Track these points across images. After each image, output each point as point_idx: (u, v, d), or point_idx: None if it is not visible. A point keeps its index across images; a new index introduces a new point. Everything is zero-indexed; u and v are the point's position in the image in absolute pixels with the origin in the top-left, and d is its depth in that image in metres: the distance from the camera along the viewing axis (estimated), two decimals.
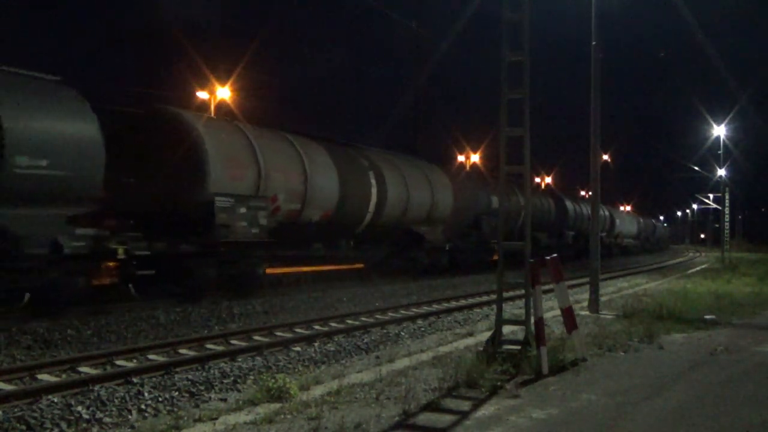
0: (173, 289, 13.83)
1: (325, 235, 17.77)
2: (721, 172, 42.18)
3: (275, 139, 16.55)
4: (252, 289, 15.09)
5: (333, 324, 11.68)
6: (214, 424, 5.22)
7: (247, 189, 14.67)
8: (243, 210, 14.35)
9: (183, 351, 9.08)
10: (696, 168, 51.28)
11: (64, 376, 7.60)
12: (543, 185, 56.23)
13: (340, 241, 18.75)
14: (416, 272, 21.54)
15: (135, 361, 8.46)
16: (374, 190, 19.16)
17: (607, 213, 46.07)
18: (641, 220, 64.12)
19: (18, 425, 5.82)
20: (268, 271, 15.81)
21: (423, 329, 11.73)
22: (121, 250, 12.37)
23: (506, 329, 8.02)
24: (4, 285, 10.68)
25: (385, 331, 11.38)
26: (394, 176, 20.37)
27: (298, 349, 9.56)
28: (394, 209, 20.20)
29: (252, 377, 7.73)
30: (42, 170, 10.75)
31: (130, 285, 13.14)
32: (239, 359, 8.69)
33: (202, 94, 28.34)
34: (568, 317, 7.73)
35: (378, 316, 12.80)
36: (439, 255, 23.07)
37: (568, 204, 37.43)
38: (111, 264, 12.29)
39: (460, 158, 47.39)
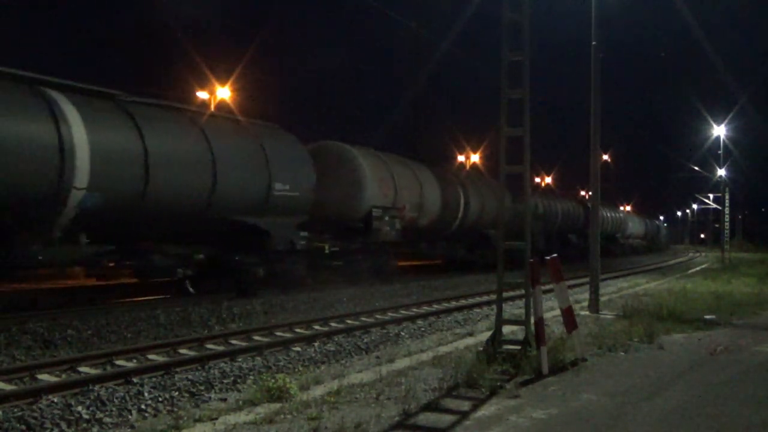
0: (328, 278, 17.78)
1: (428, 237, 23.62)
2: (721, 172, 42.20)
3: (400, 163, 22.14)
4: (390, 276, 20.01)
5: (333, 324, 11.68)
6: (214, 424, 5.22)
7: (388, 202, 19.83)
8: (387, 218, 19.56)
9: (183, 351, 9.08)
10: (696, 168, 51.39)
11: (64, 376, 7.60)
12: (543, 185, 56.39)
13: (437, 241, 24.47)
14: (485, 266, 24.83)
15: (135, 361, 8.46)
16: (462, 201, 24.57)
17: (621, 215, 51.65)
18: (647, 222, 67.48)
19: (18, 425, 5.82)
20: (399, 263, 21.71)
21: (423, 329, 11.73)
22: (326, 247, 17.66)
23: (506, 329, 8.02)
24: (268, 269, 15.42)
25: (385, 331, 11.38)
26: (474, 190, 25.74)
27: (298, 349, 9.56)
28: (474, 216, 25.48)
29: (252, 377, 7.73)
30: (286, 192, 15.74)
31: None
32: (239, 359, 8.69)
33: (202, 94, 28.38)
34: (568, 317, 7.73)
35: (378, 316, 12.80)
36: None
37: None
38: None
39: (460, 158, 47.42)
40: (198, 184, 13.54)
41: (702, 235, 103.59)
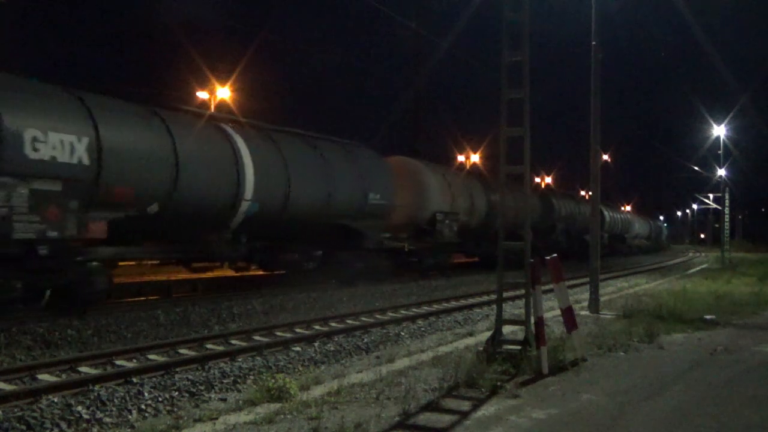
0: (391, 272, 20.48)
1: (474, 237, 26.62)
2: (721, 172, 42.23)
3: (454, 174, 26.54)
4: (446, 270, 23.89)
5: (333, 324, 11.68)
6: (214, 424, 5.22)
7: (447, 208, 23.27)
8: (447, 221, 22.96)
9: (183, 351, 9.07)
10: (696, 168, 51.46)
11: (64, 376, 7.59)
12: (543, 185, 56.53)
13: (480, 241, 27.27)
14: (518, 263, 31.73)
15: (135, 361, 8.46)
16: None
17: (628, 216, 55.36)
18: (651, 222, 70.22)
19: (18, 425, 5.81)
20: (455, 260, 26.48)
21: (423, 329, 11.72)
22: (406, 246, 21.14)
23: (506, 329, 8.02)
24: (363, 264, 18.55)
25: (385, 331, 11.37)
26: (511, 196, 30.63)
27: (298, 349, 9.55)
28: (511, 218, 31.08)
29: (252, 377, 7.73)
30: (377, 201, 19.17)
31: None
32: (239, 359, 8.69)
33: (202, 94, 28.38)
34: (568, 317, 7.73)
35: (378, 316, 12.79)
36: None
37: (605, 212, 45.67)
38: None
39: (460, 158, 47.40)
40: (319, 195, 17.02)
41: (702, 235, 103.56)
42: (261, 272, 17.97)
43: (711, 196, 50.13)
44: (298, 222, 16.49)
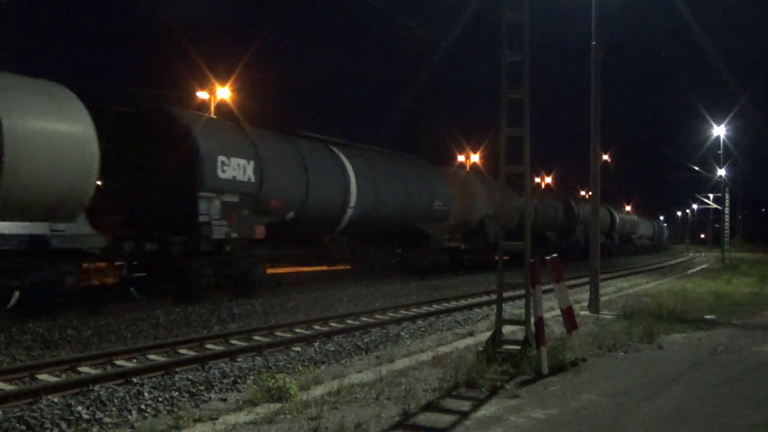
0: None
1: (509, 238, 28.71)
2: (721, 172, 42.23)
3: (493, 182, 28.74)
4: (489, 266, 26.06)
5: (333, 324, 11.68)
6: (214, 424, 5.22)
7: (491, 212, 26.59)
8: (492, 224, 26.21)
9: (183, 351, 9.08)
10: (696, 168, 51.50)
11: (64, 376, 7.60)
12: (543, 185, 56.59)
13: (516, 240, 31.13)
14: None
15: (135, 361, 8.46)
16: (533, 210, 30.74)
17: (633, 218, 58.65)
18: (654, 223, 73.20)
19: (18, 425, 5.82)
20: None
21: (423, 329, 11.72)
22: (462, 246, 24.97)
23: (506, 329, 8.02)
24: (430, 260, 22.66)
25: (385, 331, 11.37)
26: (539, 201, 33.28)
27: (298, 349, 9.56)
28: (539, 221, 32.56)
29: (252, 377, 7.73)
30: (440, 207, 22.84)
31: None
32: (239, 359, 8.69)
33: (202, 94, 28.34)
34: (569, 317, 7.73)
35: (378, 316, 12.80)
36: (554, 249, 32.96)
37: (615, 214, 48.91)
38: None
39: (460, 158, 47.36)
40: (400, 202, 20.62)
41: (702, 235, 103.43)
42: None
43: (711, 196, 50.15)
44: (384, 225, 20.13)
